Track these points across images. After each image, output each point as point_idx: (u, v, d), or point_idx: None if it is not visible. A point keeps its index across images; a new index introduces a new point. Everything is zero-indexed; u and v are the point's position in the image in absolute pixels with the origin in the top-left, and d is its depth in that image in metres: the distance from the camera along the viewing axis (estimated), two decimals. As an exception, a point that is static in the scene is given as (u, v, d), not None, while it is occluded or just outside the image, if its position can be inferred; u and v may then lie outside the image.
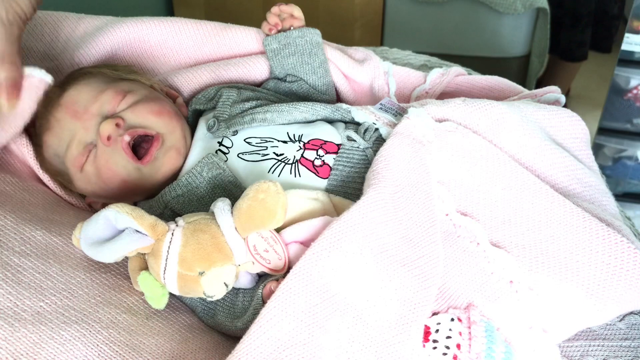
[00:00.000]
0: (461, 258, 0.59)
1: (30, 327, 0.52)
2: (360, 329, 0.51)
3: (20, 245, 0.58)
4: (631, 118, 1.63)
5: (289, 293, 0.50)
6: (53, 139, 0.70)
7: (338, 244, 0.53)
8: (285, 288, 0.51)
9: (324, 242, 0.53)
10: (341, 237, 0.53)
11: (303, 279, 0.51)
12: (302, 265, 0.52)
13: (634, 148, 1.65)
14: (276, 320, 0.49)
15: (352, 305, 0.52)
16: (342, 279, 0.52)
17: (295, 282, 0.51)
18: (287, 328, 0.49)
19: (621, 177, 1.69)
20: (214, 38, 0.87)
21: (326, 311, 0.51)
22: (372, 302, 0.52)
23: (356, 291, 0.52)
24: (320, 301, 0.51)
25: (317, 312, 0.50)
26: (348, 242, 0.53)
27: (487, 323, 0.55)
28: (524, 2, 1.78)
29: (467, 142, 0.65)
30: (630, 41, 1.49)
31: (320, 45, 0.84)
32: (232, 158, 0.69)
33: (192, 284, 0.55)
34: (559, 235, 0.60)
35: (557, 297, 0.58)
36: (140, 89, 0.73)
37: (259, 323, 0.49)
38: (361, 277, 0.53)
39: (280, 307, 0.50)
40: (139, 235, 0.55)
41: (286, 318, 0.49)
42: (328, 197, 0.63)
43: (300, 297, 0.50)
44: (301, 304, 0.50)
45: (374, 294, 0.53)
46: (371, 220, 0.55)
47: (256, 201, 0.55)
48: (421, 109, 0.67)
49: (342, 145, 0.68)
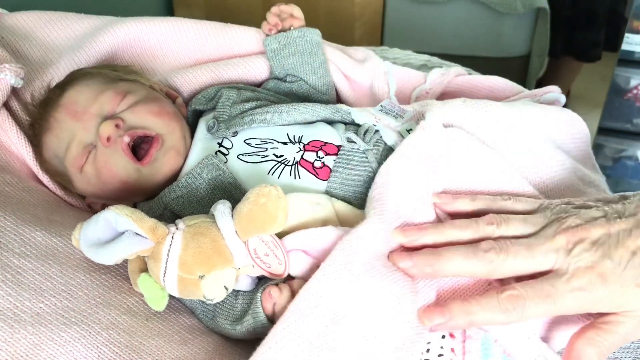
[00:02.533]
0: None
1: (30, 329, 0.52)
2: (368, 351, 0.50)
3: (20, 247, 0.58)
4: (631, 118, 1.63)
5: (299, 315, 0.50)
6: (52, 139, 0.70)
7: (349, 265, 0.52)
8: (295, 309, 0.50)
9: (334, 263, 0.52)
10: (352, 258, 0.53)
11: (313, 300, 0.50)
12: (312, 286, 0.51)
13: (634, 148, 1.65)
14: (285, 342, 0.48)
15: (361, 327, 0.51)
16: (352, 301, 0.51)
17: (305, 303, 0.50)
18: (296, 350, 0.48)
19: (621, 177, 1.70)
20: (214, 38, 0.87)
21: (335, 334, 0.50)
22: (380, 324, 0.52)
23: (366, 313, 0.52)
24: (330, 323, 0.50)
25: (327, 335, 0.50)
26: (359, 264, 0.53)
27: (484, 336, 0.54)
28: (524, 2, 1.78)
29: (470, 151, 0.64)
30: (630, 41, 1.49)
31: (320, 45, 0.84)
32: (231, 159, 0.69)
33: (192, 287, 0.55)
34: None
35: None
36: (140, 90, 0.73)
37: (268, 344, 0.48)
38: (371, 299, 0.52)
39: (289, 329, 0.49)
40: (139, 238, 0.55)
41: (295, 340, 0.49)
42: (330, 201, 0.63)
43: (310, 319, 0.50)
44: (310, 326, 0.49)
45: (384, 316, 0.52)
46: (379, 242, 0.55)
47: (257, 205, 0.55)
48: (435, 117, 0.66)
49: (342, 146, 0.68)
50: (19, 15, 0.85)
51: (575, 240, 0.51)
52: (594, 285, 0.49)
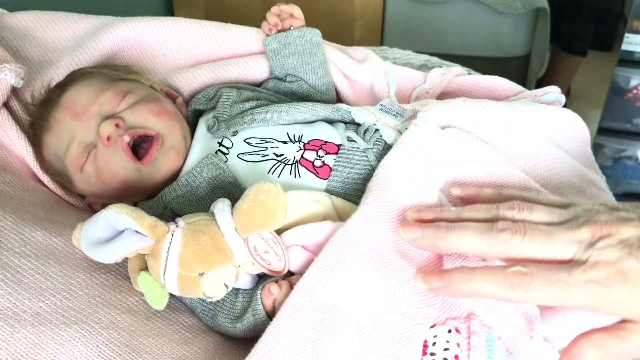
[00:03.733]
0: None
1: (30, 328, 0.52)
2: (364, 344, 0.51)
3: (20, 246, 0.58)
4: (631, 118, 1.63)
5: (294, 310, 0.50)
6: (53, 139, 0.70)
7: (342, 258, 0.52)
8: (290, 305, 0.50)
9: (328, 257, 0.52)
10: (345, 251, 0.53)
11: (307, 295, 0.51)
12: (306, 281, 0.51)
13: (634, 148, 1.65)
14: (281, 337, 0.49)
15: (356, 320, 0.51)
16: (347, 294, 0.52)
17: (300, 298, 0.50)
18: (292, 345, 0.49)
19: (621, 177, 1.70)
20: (214, 38, 0.87)
21: (331, 327, 0.50)
22: (376, 316, 0.52)
23: (360, 306, 0.52)
24: (325, 317, 0.50)
25: (322, 328, 0.50)
26: (352, 257, 0.53)
27: (487, 333, 0.54)
28: (524, 2, 1.78)
29: (469, 149, 0.64)
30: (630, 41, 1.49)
31: (320, 45, 0.84)
32: (232, 158, 0.69)
33: (192, 285, 0.55)
34: None
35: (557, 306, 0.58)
36: (140, 89, 0.73)
37: (265, 341, 0.49)
38: (365, 292, 0.52)
39: (285, 325, 0.49)
40: (139, 236, 0.55)
41: (291, 335, 0.49)
42: (329, 198, 0.63)
43: (305, 314, 0.50)
44: (306, 321, 0.50)
45: (378, 308, 0.52)
46: (371, 235, 0.55)
47: (256, 202, 0.55)
48: (429, 114, 0.66)
49: (342, 145, 0.68)
50: (19, 15, 0.85)
51: (602, 235, 0.47)
52: (612, 283, 0.45)
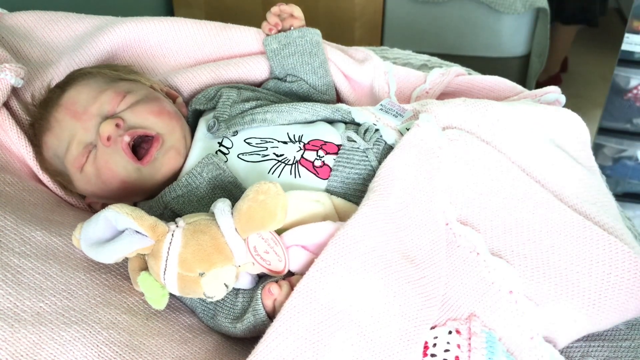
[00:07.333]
0: (461, 268, 0.59)
1: (30, 328, 0.52)
2: (364, 346, 0.51)
3: (20, 246, 0.58)
4: (631, 118, 1.63)
5: (294, 311, 0.50)
6: (53, 139, 0.70)
7: (342, 260, 0.52)
8: (290, 306, 0.50)
9: (328, 258, 0.52)
10: (345, 252, 0.53)
11: (307, 296, 0.51)
12: (306, 282, 0.51)
13: (634, 148, 1.65)
14: (281, 339, 0.49)
15: (356, 321, 0.51)
16: (347, 296, 0.52)
17: (300, 300, 0.51)
18: (292, 346, 0.49)
19: (621, 177, 1.69)
20: (214, 38, 0.87)
21: (331, 328, 0.50)
22: (376, 318, 0.52)
23: (361, 307, 0.52)
24: (325, 318, 0.51)
25: (322, 330, 0.50)
26: (352, 258, 0.53)
27: (488, 334, 0.54)
28: (524, 2, 1.78)
29: (469, 150, 0.64)
30: (630, 41, 1.49)
31: (320, 45, 0.84)
32: (232, 158, 0.69)
33: (192, 285, 0.55)
34: (559, 245, 0.60)
35: (557, 307, 0.58)
36: (140, 89, 0.73)
37: (265, 342, 0.49)
38: (365, 293, 0.52)
39: (285, 326, 0.49)
40: (139, 236, 0.55)
41: (291, 336, 0.49)
42: (329, 198, 0.63)
43: (305, 315, 0.50)
44: (306, 322, 0.50)
45: (379, 310, 0.52)
46: (372, 237, 0.55)
47: (256, 202, 0.55)
48: (431, 115, 0.66)
49: (342, 145, 0.68)
50: (19, 15, 0.85)
51: None
52: None
